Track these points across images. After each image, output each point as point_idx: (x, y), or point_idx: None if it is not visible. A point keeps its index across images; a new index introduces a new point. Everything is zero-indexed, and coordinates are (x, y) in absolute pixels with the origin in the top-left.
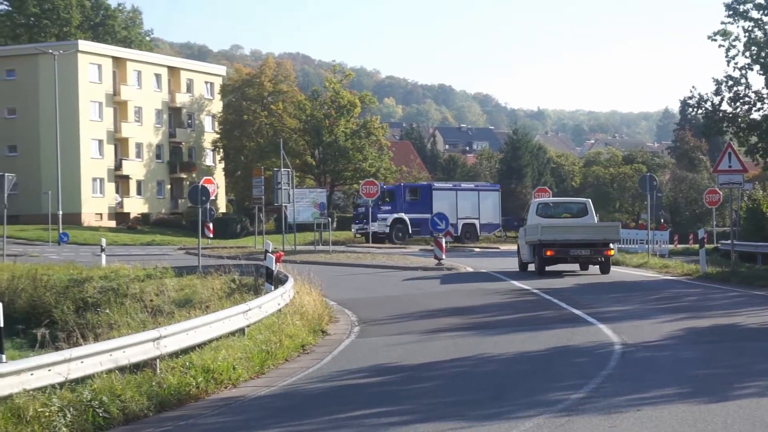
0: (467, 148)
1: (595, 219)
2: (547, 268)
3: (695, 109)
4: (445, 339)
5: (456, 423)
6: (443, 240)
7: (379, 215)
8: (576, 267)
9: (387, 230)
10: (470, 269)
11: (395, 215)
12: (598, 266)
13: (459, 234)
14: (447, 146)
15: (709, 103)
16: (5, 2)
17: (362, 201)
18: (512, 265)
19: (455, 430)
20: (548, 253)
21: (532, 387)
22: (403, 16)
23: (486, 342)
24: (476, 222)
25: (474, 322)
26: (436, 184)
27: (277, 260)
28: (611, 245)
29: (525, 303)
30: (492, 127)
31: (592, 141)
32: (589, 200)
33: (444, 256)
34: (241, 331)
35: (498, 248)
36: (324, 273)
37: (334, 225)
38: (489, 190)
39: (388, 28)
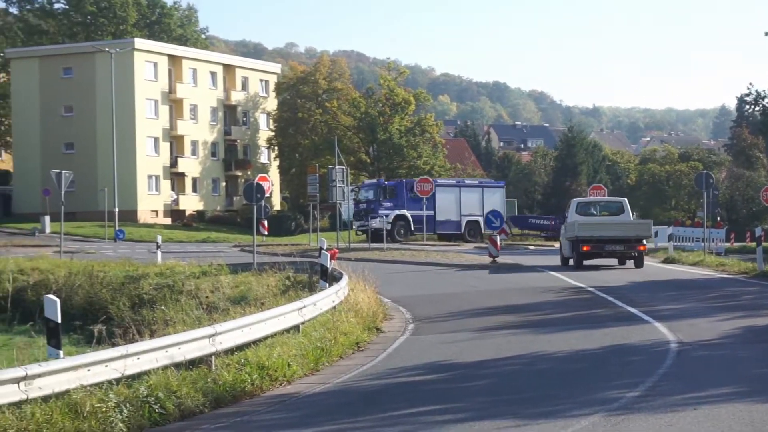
0: (522, 145)
1: (631, 217)
2: (585, 263)
3: (752, 106)
4: (499, 337)
5: (510, 421)
6: (498, 238)
7: (380, 211)
8: (613, 262)
9: (389, 227)
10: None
11: (397, 212)
12: (632, 261)
13: (462, 231)
14: (501, 144)
15: (766, 100)
16: (63, 1)
17: (362, 197)
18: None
19: (510, 428)
20: (585, 248)
21: (587, 385)
22: (459, 13)
23: (540, 340)
24: (480, 219)
25: (528, 319)
26: (439, 181)
27: (332, 257)
28: (644, 241)
29: (580, 301)
30: (547, 125)
31: (648, 138)
32: (626, 200)
33: (498, 254)
34: (296, 328)
35: (553, 246)
36: (378, 270)
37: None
38: (493, 186)
39: (443, 25)
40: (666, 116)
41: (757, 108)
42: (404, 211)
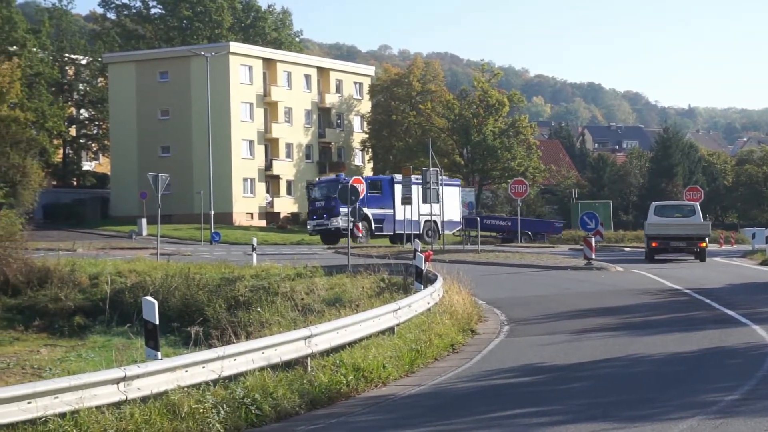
0: (616, 147)
1: (701, 219)
2: (657, 257)
3: None
4: (595, 339)
5: (607, 424)
6: (593, 239)
7: (339, 210)
8: (679, 256)
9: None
10: (620, 269)
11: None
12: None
13: (421, 232)
14: (596, 145)
15: None
16: (159, 6)
17: (318, 194)
18: (659, 264)
19: (607, 431)
20: (653, 244)
21: (685, 388)
22: (553, 14)
23: (637, 342)
24: (438, 219)
25: (624, 322)
26: (398, 177)
27: (426, 259)
28: (705, 239)
29: (677, 303)
30: (642, 126)
31: (745, 139)
32: (698, 204)
33: (594, 256)
34: (391, 329)
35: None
36: (472, 272)
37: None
38: (449, 185)
39: (537, 26)
40: (763, 116)
41: None
42: (364, 210)
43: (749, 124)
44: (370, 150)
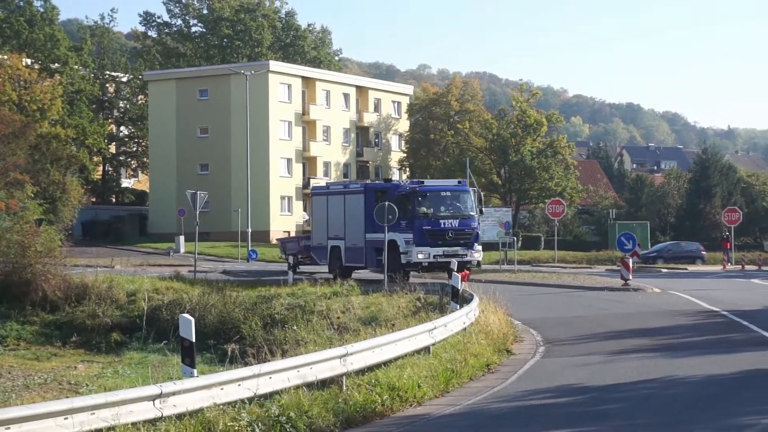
0: (655, 167)
1: None
2: None
3: None
4: (632, 360)
5: None
6: (630, 260)
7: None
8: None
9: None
10: (657, 290)
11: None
12: None
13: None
14: (634, 165)
15: None
16: (200, 25)
17: (442, 207)
18: (696, 286)
19: None
20: None
21: (721, 411)
22: (591, 35)
23: (674, 364)
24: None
25: (661, 343)
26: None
27: (463, 279)
28: None
29: (714, 325)
30: (680, 147)
31: None
32: None
33: (631, 277)
34: (426, 349)
35: (686, 269)
36: (509, 292)
37: (520, 244)
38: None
39: (576, 47)
40: None
41: None
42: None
43: None
44: (407, 169)
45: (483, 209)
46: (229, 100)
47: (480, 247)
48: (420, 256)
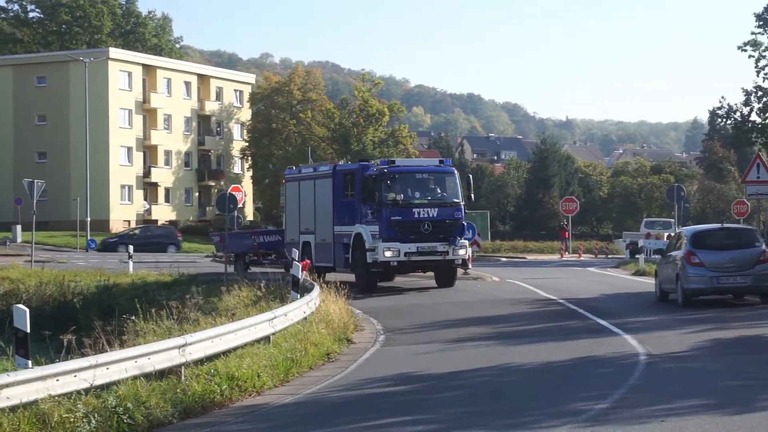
0: (495, 157)
1: None
2: None
3: (724, 120)
4: (470, 348)
5: None
6: (470, 249)
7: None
8: None
9: None
10: (496, 279)
11: None
12: None
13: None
14: (475, 155)
15: (738, 114)
16: (37, 10)
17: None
18: (535, 274)
19: None
20: None
21: (556, 397)
22: (433, 25)
23: (511, 352)
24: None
25: (499, 331)
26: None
27: (304, 268)
28: None
29: (550, 313)
30: (520, 137)
31: (621, 151)
32: None
33: (471, 266)
34: (267, 338)
35: (525, 258)
36: (347, 280)
37: None
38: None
39: (418, 37)
40: (638, 129)
41: (728, 122)
42: None
43: (625, 137)
44: (249, 158)
45: (473, 195)
46: (68, 87)
47: (466, 243)
48: (387, 254)
